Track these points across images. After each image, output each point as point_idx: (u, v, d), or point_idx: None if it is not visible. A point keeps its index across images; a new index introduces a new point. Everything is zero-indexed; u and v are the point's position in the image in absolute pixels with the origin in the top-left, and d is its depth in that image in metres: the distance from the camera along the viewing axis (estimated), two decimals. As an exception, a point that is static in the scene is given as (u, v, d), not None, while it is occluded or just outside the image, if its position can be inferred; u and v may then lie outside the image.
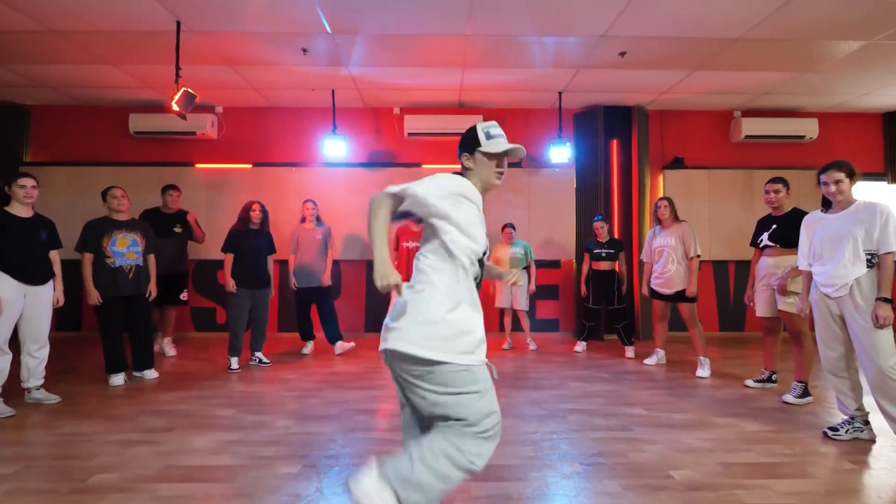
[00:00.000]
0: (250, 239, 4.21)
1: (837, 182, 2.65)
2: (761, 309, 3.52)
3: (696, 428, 2.78)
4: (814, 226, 2.79)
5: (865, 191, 5.84)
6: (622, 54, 4.33)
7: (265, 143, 5.83)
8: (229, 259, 4.18)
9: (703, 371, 3.97)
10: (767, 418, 2.95)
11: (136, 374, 3.81)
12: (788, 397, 3.27)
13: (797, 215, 3.26)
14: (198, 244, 5.02)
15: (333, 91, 5.29)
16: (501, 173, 1.62)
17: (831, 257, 2.65)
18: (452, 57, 4.42)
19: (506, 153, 1.61)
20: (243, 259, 4.16)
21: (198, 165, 5.72)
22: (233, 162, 5.75)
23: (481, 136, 1.60)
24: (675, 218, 4.21)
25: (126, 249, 3.71)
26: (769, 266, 3.41)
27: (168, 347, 4.71)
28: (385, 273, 1.43)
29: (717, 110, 5.96)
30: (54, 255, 3.28)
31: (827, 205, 2.76)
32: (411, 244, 4.80)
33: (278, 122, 5.84)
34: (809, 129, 5.77)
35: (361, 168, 5.77)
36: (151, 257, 3.90)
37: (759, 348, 5.09)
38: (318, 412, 3.03)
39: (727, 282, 5.97)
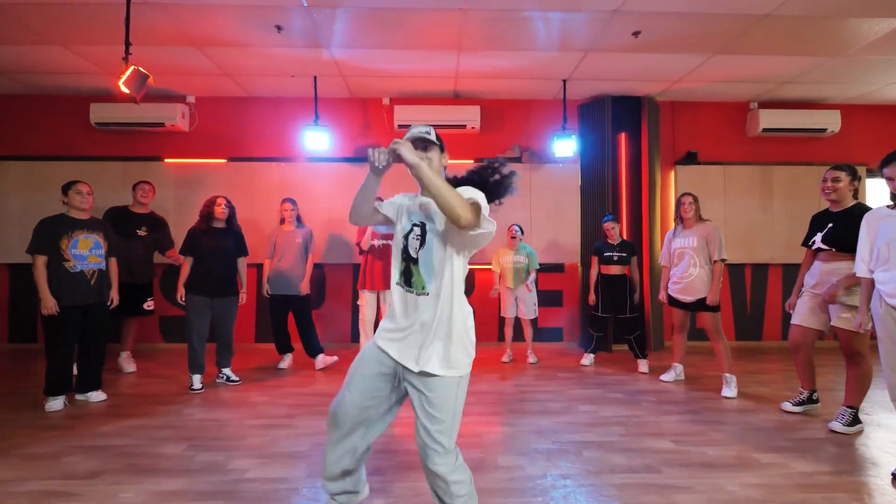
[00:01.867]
0: (214, 239, 3.70)
1: (908, 172, 2.19)
2: (802, 317, 3.01)
3: (738, 468, 2.31)
4: (877, 224, 2.34)
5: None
6: (636, 34, 3.87)
7: (242, 135, 5.33)
8: (187, 264, 3.69)
9: (730, 390, 3.51)
10: (817, 454, 2.49)
11: (80, 396, 3.30)
12: (836, 425, 2.80)
13: (860, 212, 2.69)
14: (161, 254, 4.49)
15: (315, 78, 4.80)
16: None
17: (901, 262, 2.20)
18: (447, 37, 3.95)
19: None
20: (203, 262, 3.66)
21: (167, 160, 5.21)
22: (206, 156, 5.24)
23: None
24: (699, 217, 3.75)
25: (88, 252, 3.23)
26: (822, 273, 2.89)
27: (126, 363, 4.20)
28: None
29: (732, 102, 5.52)
30: None
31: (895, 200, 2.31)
32: (377, 242, 4.28)
33: (256, 113, 5.34)
34: (831, 121, 5.34)
35: (347, 163, 5.28)
36: (113, 261, 3.44)
37: (779, 361, 4.65)
38: (285, 448, 2.54)
39: (743, 287, 5.52)
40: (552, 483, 2.16)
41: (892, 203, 2.33)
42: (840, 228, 2.82)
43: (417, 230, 1.61)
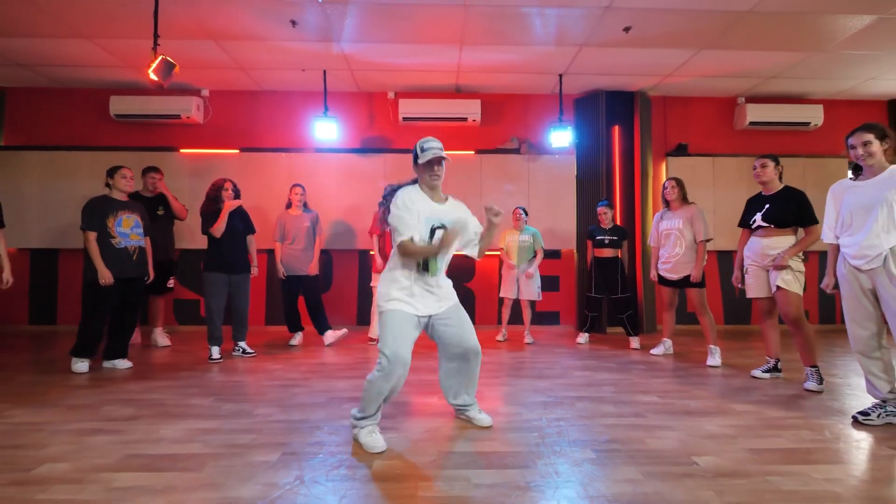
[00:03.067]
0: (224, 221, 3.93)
1: (866, 144, 2.44)
2: (755, 290, 3.33)
3: (716, 414, 2.55)
4: (841, 195, 2.59)
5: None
6: (627, 30, 4.14)
7: (253, 127, 5.58)
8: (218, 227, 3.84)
9: (714, 360, 3.76)
10: (790, 405, 2.73)
11: (107, 363, 3.53)
12: (810, 384, 3.04)
13: (789, 193, 3.18)
14: (182, 224, 4.77)
15: (325, 72, 5.07)
16: (433, 175, 2.20)
17: (861, 226, 2.45)
18: (450, 32, 4.21)
19: (434, 160, 2.17)
20: (217, 244, 3.87)
21: (182, 150, 5.46)
22: (219, 147, 5.50)
23: (418, 151, 2.20)
24: (684, 199, 4.01)
25: (130, 230, 3.56)
26: (763, 247, 3.22)
27: (161, 337, 4.46)
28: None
29: (720, 97, 5.79)
30: None
31: (857, 173, 2.56)
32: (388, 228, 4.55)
33: (267, 105, 5.60)
34: (815, 115, 5.61)
35: (354, 154, 5.54)
36: (147, 240, 3.74)
37: (768, 340, 4.88)
38: (303, 400, 2.77)
39: (732, 273, 5.76)
40: (547, 423, 2.40)
41: (853, 176, 2.58)
42: (776, 208, 3.17)
43: (440, 233, 2.12)
